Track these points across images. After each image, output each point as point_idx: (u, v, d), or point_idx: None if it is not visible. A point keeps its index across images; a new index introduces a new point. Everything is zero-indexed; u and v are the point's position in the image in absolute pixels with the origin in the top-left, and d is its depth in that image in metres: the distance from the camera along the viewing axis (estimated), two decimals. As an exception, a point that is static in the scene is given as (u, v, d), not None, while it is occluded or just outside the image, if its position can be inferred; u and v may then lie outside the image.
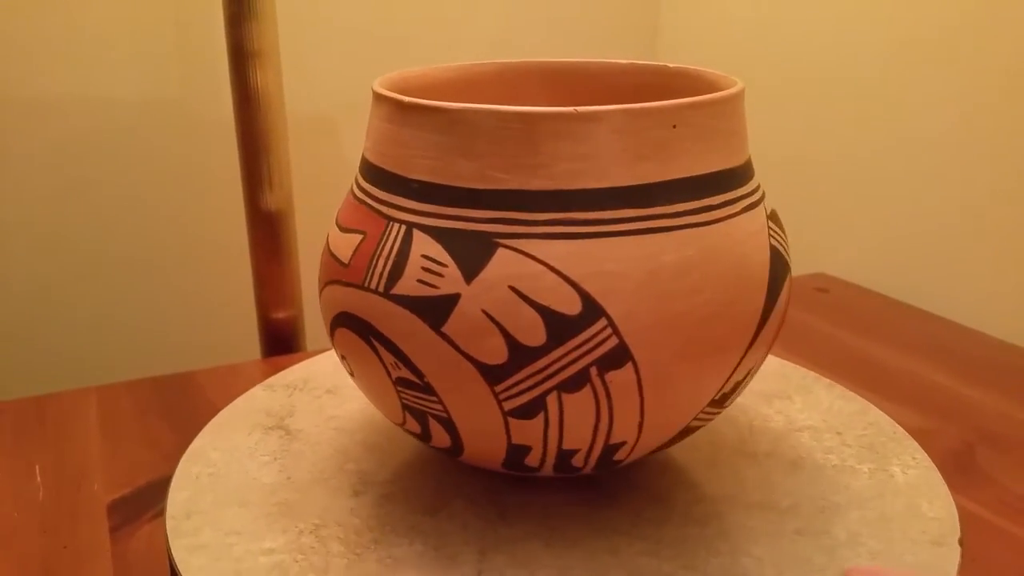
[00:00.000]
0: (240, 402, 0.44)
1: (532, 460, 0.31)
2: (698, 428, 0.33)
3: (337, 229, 0.33)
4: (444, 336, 0.29)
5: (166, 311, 0.73)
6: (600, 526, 0.34)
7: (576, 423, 0.30)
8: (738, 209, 0.31)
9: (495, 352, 0.28)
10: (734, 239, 0.30)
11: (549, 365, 0.28)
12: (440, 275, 0.29)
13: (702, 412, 0.32)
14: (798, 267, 0.68)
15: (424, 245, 0.29)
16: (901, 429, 0.40)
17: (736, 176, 0.31)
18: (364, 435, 0.41)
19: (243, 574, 0.32)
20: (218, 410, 0.43)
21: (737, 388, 0.32)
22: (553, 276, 0.28)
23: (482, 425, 0.30)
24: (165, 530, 0.33)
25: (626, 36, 0.88)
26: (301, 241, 0.57)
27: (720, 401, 0.32)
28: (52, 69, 0.65)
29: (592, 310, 0.28)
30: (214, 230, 0.73)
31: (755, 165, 0.34)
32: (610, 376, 0.28)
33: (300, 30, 0.71)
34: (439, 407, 0.30)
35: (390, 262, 0.30)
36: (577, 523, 0.34)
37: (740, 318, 0.30)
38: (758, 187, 0.33)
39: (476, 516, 0.35)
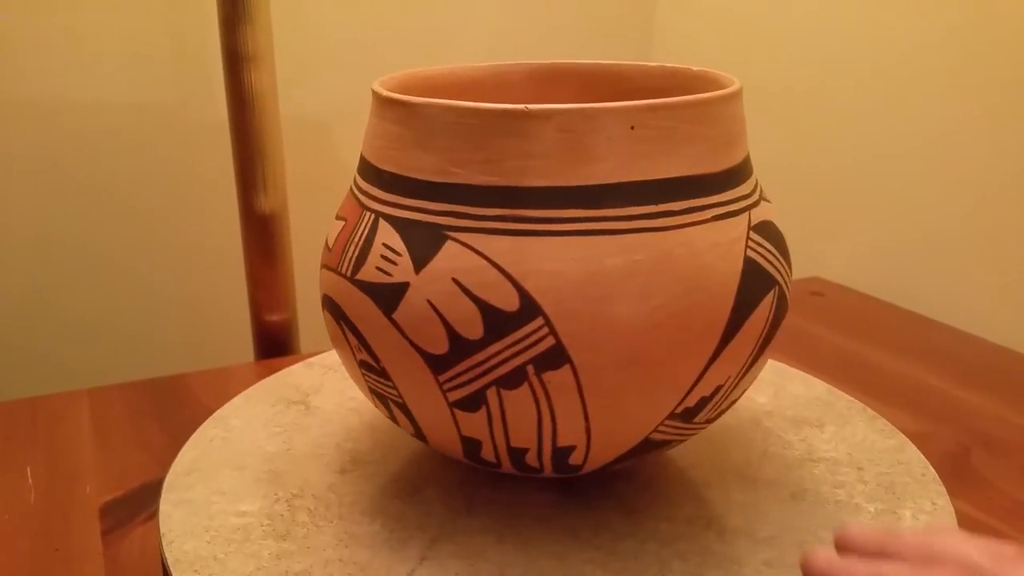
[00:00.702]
0: (277, 377, 0.47)
1: (487, 455, 0.32)
2: (668, 443, 0.32)
3: (336, 217, 0.35)
4: (394, 323, 0.29)
5: (159, 313, 0.73)
6: (560, 530, 0.34)
7: (519, 421, 0.30)
8: (705, 217, 0.30)
9: (437, 342, 0.29)
10: (694, 248, 0.29)
11: (487, 360, 0.29)
12: (395, 263, 0.30)
13: (664, 426, 0.31)
14: (793, 271, 0.68)
15: (386, 234, 0.30)
16: (932, 471, 0.38)
17: (706, 183, 0.30)
18: (372, 417, 0.43)
19: (212, 530, 0.34)
20: (211, 412, 0.44)
21: (708, 404, 0.31)
22: (494, 271, 0.28)
23: (433, 414, 0.31)
24: (158, 527, 0.34)
25: (622, 36, 0.88)
26: (295, 244, 0.57)
27: (686, 416, 0.31)
28: (47, 73, 0.65)
29: (529, 308, 0.28)
30: (208, 233, 0.73)
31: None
32: (547, 376, 0.28)
33: (295, 34, 0.71)
34: (395, 393, 0.31)
35: (358, 248, 0.31)
36: (538, 524, 0.35)
37: (697, 330, 0.29)
38: (743, 196, 0.31)
39: (443, 505, 0.36)
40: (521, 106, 0.28)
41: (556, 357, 0.28)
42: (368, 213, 0.31)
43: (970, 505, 0.38)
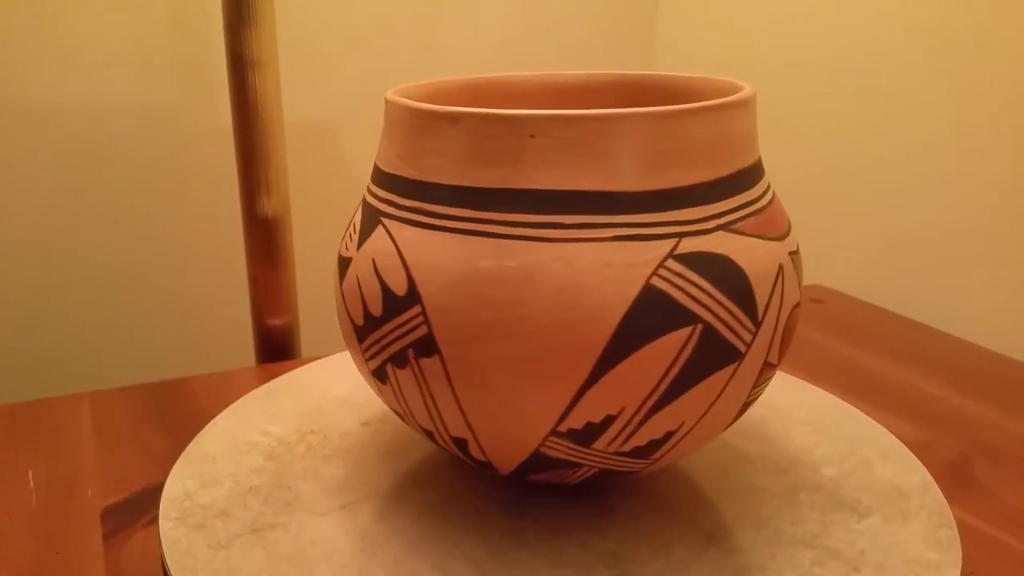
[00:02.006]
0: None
1: (436, 439, 0.35)
2: (565, 461, 0.33)
3: None
4: (341, 292, 0.33)
5: (161, 317, 0.74)
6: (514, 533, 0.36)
7: (414, 401, 0.32)
8: (603, 236, 0.29)
9: (358, 315, 0.32)
10: (574, 264, 0.29)
11: (384, 336, 0.31)
12: (351, 240, 0.33)
13: (554, 443, 0.31)
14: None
15: (357, 215, 0.34)
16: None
17: (611, 201, 0.29)
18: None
19: (235, 440, 0.40)
20: (211, 417, 0.44)
21: (596, 430, 0.31)
22: (396, 258, 0.31)
23: (370, 380, 0.34)
24: (159, 536, 0.33)
25: (622, 45, 0.88)
26: (297, 248, 0.57)
27: (572, 437, 0.31)
28: (51, 75, 0.66)
29: (413, 295, 0.30)
30: (210, 236, 0.73)
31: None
32: (423, 363, 0.31)
33: (299, 37, 0.71)
34: (359, 358, 0.34)
35: (355, 229, 0.35)
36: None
37: (566, 348, 0.29)
38: (671, 222, 0.30)
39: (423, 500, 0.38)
40: (440, 108, 0.30)
41: (428, 345, 0.30)
42: (365, 197, 0.35)
43: (972, 515, 0.38)
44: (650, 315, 0.29)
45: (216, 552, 0.34)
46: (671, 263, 0.30)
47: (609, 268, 0.29)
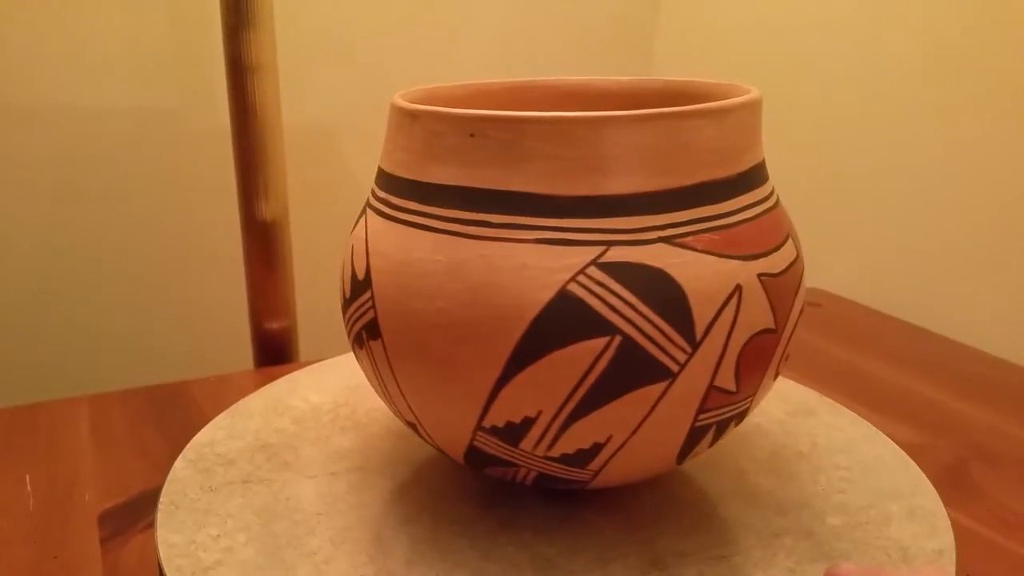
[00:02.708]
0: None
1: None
2: (501, 459, 0.33)
3: None
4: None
5: (160, 320, 0.74)
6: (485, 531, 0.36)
7: (371, 380, 0.35)
8: (525, 237, 0.29)
9: (343, 293, 0.35)
10: (493, 263, 0.29)
11: (350, 316, 0.34)
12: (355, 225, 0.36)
13: (481, 436, 0.32)
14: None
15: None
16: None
17: (537, 204, 0.30)
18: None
19: (277, 403, 0.46)
20: (209, 420, 0.45)
21: (518, 430, 0.31)
22: (363, 244, 0.33)
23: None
24: (156, 540, 0.35)
25: (622, 51, 0.88)
26: (296, 251, 0.57)
27: (498, 434, 0.31)
28: (50, 78, 0.66)
29: (367, 281, 0.32)
30: (209, 240, 0.74)
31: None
32: (372, 344, 0.33)
33: (298, 41, 0.71)
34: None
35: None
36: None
37: (479, 345, 0.30)
38: (599, 229, 0.29)
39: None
40: (406, 104, 0.32)
41: (375, 329, 0.32)
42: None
43: (969, 518, 0.38)
44: (563, 320, 0.29)
45: (203, 494, 0.38)
46: (592, 271, 0.29)
47: (526, 270, 0.29)
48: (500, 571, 0.33)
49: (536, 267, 0.29)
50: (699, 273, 0.30)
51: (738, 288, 0.30)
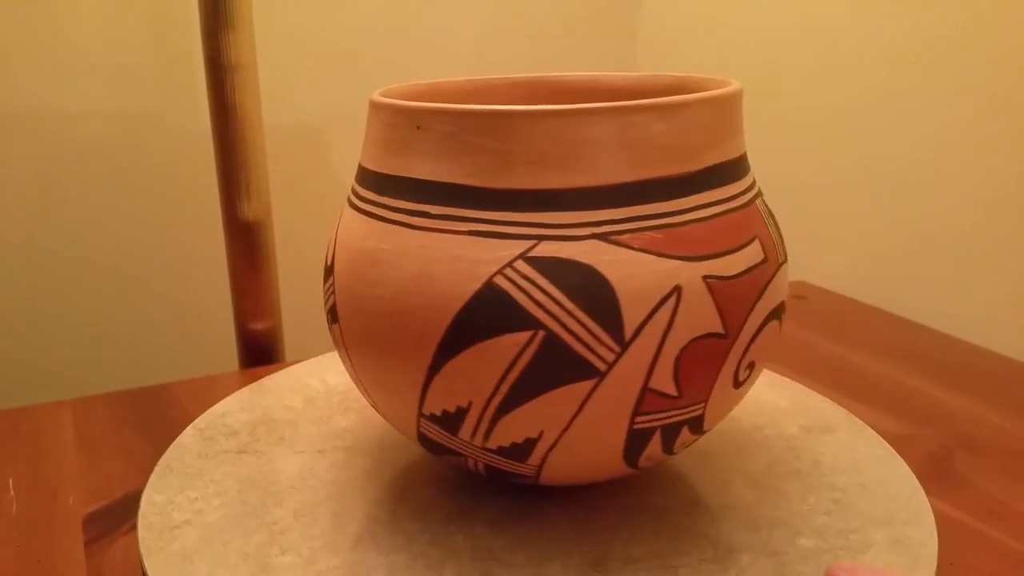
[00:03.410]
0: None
1: None
2: (448, 448, 0.34)
3: None
4: None
5: (144, 322, 0.74)
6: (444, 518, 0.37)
7: (341, 359, 0.36)
8: (459, 228, 0.30)
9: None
10: (429, 253, 0.31)
11: (326, 298, 0.35)
12: None
13: (424, 423, 0.33)
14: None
15: None
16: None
17: (473, 195, 0.30)
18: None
19: (296, 383, 0.47)
20: (192, 422, 0.44)
21: (454, 419, 0.32)
22: (335, 233, 0.35)
23: None
24: (138, 543, 0.35)
25: (605, 46, 0.88)
26: (280, 252, 0.56)
27: (438, 422, 0.33)
28: (29, 81, 0.66)
29: (332, 268, 0.34)
30: (192, 241, 0.74)
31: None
32: (334, 328, 0.34)
33: (278, 41, 0.71)
34: None
35: None
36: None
37: (414, 334, 0.31)
38: (528, 223, 0.30)
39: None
40: (377, 98, 0.33)
41: (334, 313, 0.34)
42: None
43: (953, 507, 0.39)
44: (488, 312, 0.30)
45: (198, 460, 0.41)
46: (520, 264, 0.30)
47: (457, 261, 0.30)
48: (440, 556, 0.34)
49: (467, 259, 0.30)
50: (632, 272, 0.30)
51: (677, 289, 0.30)
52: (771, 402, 0.47)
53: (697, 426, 0.33)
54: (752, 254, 0.32)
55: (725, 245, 0.31)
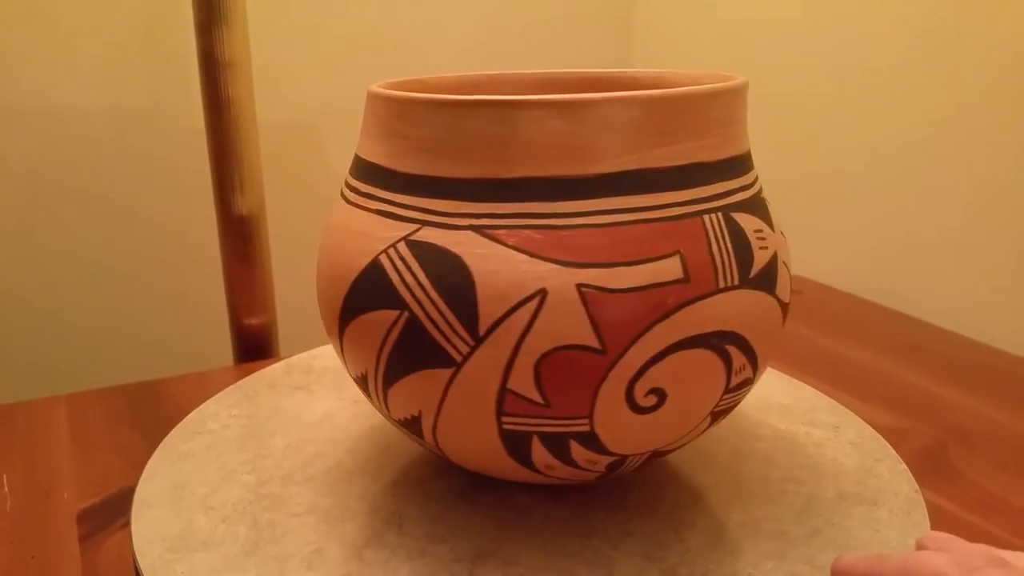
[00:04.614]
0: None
1: None
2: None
3: None
4: None
5: (137, 318, 0.74)
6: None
7: None
8: (369, 206, 0.33)
9: None
10: (350, 228, 0.34)
11: None
12: None
13: (358, 382, 0.36)
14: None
15: None
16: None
17: (386, 177, 0.33)
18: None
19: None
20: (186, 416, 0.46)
21: (363, 384, 0.35)
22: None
23: None
24: (132, 539, 0.36)
25: (600, 42, 0.88)
26: (274, 247, 0.56)
27: (361, 384, 0.35)
28: (22, 78, 0.67)
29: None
30: (187, 237, 0.75)
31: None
32: None
33: (272, 37, 0.71)
34: None
35: None
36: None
37: (328, 301, 0.34)
38: (416, 208, 0.32)
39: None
40: (372, 88, 0.35)
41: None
42: None
43: (948, 500, 0.40)
44: (368, 288, 0.32)
45: (263, 388, 0.48)
46: (401, 246, 0.32)
47: (362, 236, 0.33)
48: (390, 556, 0.35)
49: (368, 235, 0.33)
50: (498, 268, 0.30)
51: (541, 292, 0.30)
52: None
53: (593, 443, 0.32)
54: (660, 271, 0.30)
55: (619, 256, 0.30)
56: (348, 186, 0.35)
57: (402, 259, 0.31)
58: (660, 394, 0.31)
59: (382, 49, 0.81)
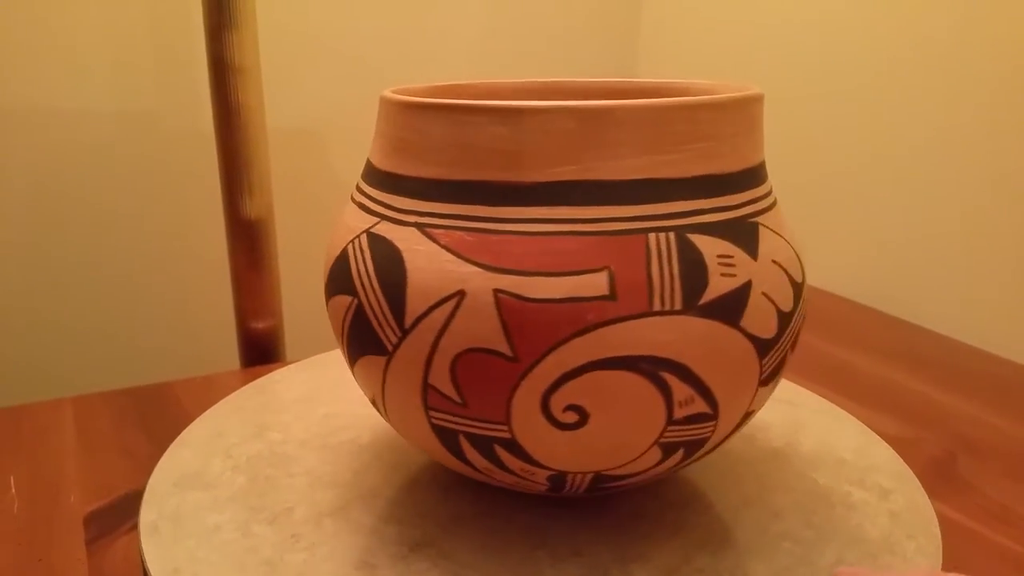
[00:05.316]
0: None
1: None
2: None
3: None
4: None
5: (145, 321, 0.74)
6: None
7: None
8: (358, 199, 0.36)
9: None
10: (343, 221, 0.36)
11: None
12: None
13: None
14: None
15: None
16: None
17: (371, 174, 0.35)
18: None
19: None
20: (193, 421, 0.45)
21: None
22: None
23: None
24: (139, 540, 0.34)
25: (607, 51, 0.88)
26: (282, 251, 0.56)
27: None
28: (32, 80, 0.67)
29: None
30: (194, 240, 0.75)
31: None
32: None
33: (282, 42, 0.71)
34: None
35: None
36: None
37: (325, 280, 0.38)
38: (383, 203, 0.34)
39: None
40: (384, 93, 0.37)
41: None
42: None
43: (956, 511, 0.39)
44: (338, 273, 0.35)
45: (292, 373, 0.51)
46: (363, 237, 0.34)
47: (343, 227, 0.36)
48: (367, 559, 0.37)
49: (347, 226, 0.35)
50: (428, 265, 0.32)
51: (460, 293, 0.31)
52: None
53: (519, 451, 0.33)
54: (582, 285, 0.30)
55: (541, 266, 0.30)
56: (356, 186, 0.39)
57: (361, 250, 0.33)
58: (581, 412, 0.31)
59: (392, 56, 0.82)
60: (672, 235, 0.30)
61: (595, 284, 0.29)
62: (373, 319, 0.32)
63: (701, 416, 0.32)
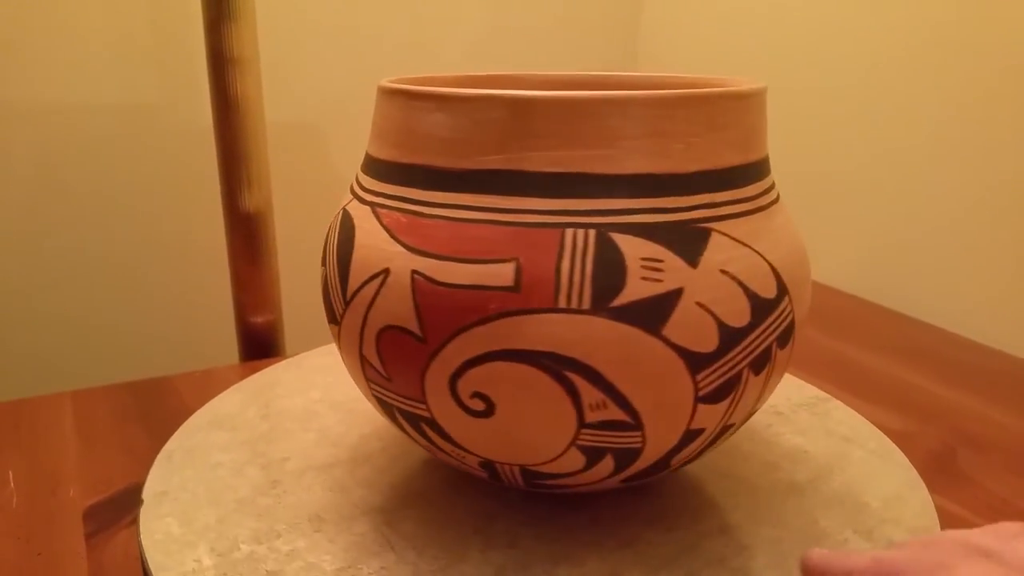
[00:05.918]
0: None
1: None
2: None
3: None
4: None
5: (144, 315, 0.75)
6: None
7: None
8: (352, 188, 0.38)
9: None
10: (349, 209, 0.37)
11: None
12: None
13: None
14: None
15: None
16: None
17: (372, 166, 0.35)
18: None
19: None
20: (192, 414, 0.47)
21: None
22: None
23: None
24: (139, 534, 0.36)
25: (607, 44, 0.88)
26: (281, 246, 0.56)
27: None
28: (31, 74, 0.68)
29: None
30: (193, 234, 0.75)
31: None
32: None
33: (281, 34, 0.71)
34: None
35: None
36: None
37: None
38: (369, 190, 0.35)
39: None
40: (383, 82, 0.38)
41: None
42: None
43: (956, 504, 0.40)
44: (327, 245, 0.36)
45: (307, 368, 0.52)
46: (342, 212, 0.36)
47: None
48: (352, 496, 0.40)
49: (341, 205, 0.37)
50: (368, 242, 0.34)
51: (385, 272, 0.33)
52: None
53: (441, 432, 0.34)
54: (488, 274, 0.30)
55: (454, 252, 0.31)
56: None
57: (336, 225, 0.36)
58: (487, 400, 0.31)
59: (391, 47, 0.82)
60: (592, 232, 0.30)
61: (500, 274, 0.30)
62: (331, 289, 0.35)
63: (620, 424, 0.31)
